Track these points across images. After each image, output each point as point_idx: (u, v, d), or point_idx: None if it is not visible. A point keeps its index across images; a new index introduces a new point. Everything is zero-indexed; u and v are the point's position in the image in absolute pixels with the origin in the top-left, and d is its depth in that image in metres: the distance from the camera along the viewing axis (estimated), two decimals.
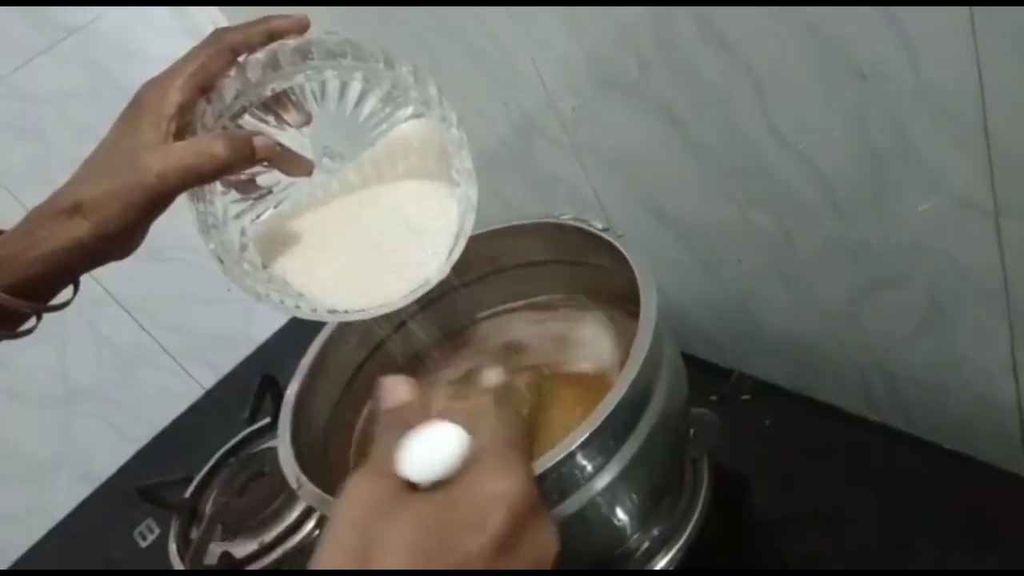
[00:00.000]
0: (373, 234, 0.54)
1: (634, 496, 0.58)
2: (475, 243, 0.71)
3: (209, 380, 1.28)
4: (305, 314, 0.52)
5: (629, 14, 0.62)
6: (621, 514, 0.59)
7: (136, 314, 1.17)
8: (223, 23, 1.15)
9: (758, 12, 0.54)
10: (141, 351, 1.20)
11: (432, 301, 0.75)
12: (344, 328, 0.70)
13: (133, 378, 1.20)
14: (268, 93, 0.50)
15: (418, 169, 0.54)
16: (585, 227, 0.64)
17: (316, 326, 0.67)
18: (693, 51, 0.60)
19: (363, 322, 0.54)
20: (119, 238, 0.50)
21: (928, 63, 0.48)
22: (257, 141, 0.50)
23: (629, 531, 0.61)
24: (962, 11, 0.44)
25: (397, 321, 0.75)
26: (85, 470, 1.18)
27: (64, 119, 1.06)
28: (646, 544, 0.64)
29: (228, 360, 1.28)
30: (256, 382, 1.01)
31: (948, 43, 0.46)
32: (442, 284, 0.54)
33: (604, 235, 0.62)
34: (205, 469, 1.00)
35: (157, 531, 1.02)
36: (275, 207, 0.55)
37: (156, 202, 0.49)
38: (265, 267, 0.53)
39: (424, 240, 0.53)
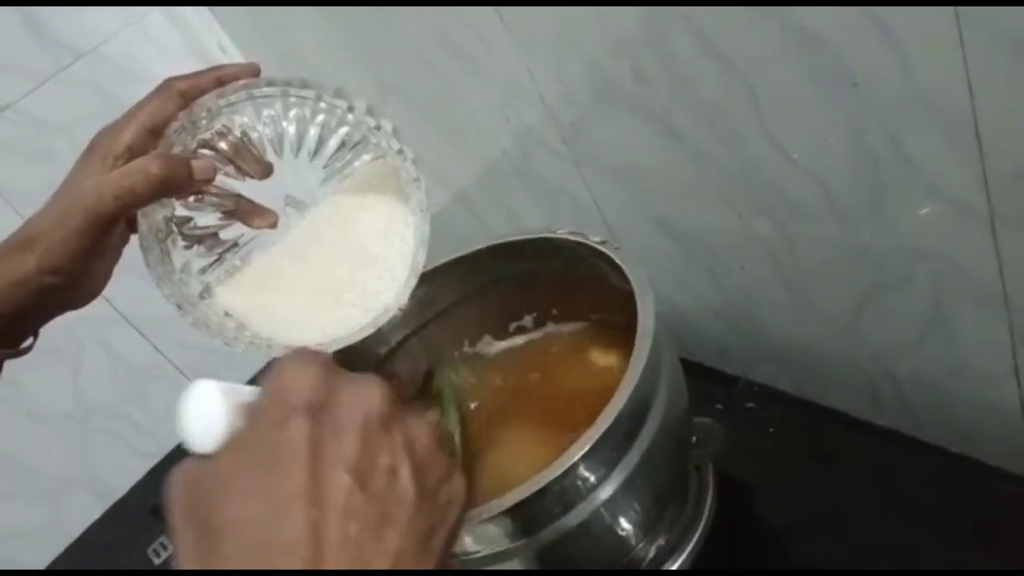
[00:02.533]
0: (332, 272, 0.55)
1: (638, 506, 0.59)
2: (474, 259, 0.72)
3: None
4: (262, 352, 0.52)
5: (624, 26, 0.62)
6: (625, 524, 0.59)
7: (148, 333, 1.18)
8: (228, 45, 1.16)
9: (750, 22, 0.54)
10: (153, 369, 1.21)
11: (431, 320, 0.76)
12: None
13: (146, 396, 1.21)
14: (218, 128, 0.51)
15: (376, 206, 0.55)
16: (583, 240, 0.64)
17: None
18: (688, 62, 0.60)
19: (364, 342, 0.55)
20: (65, 270, 0.49)
21: (918, 70, 0.49)
22: (196, 163, 0.50)
23: (634, 541, 0.61)
24: (949, 18, 0.45)
25: (398, 339, 0.76)
26: (100, 487, 1.19)
27: (74, 142, 1.05)
28: (652, 553, 0.64)
29: (239, 376, 1.29)
30: None
31: (937, 50, 0.47)
32: (439, 299, 0.55)
33: (602, 248, 0.62)
34: None
35: (171, 548, 1.03)
36: (240, 261, 0.56)
37: (95, 225, 0.48)
38: (223, 310, 0.53)
39: (382, 270, 0.54)
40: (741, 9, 0.54)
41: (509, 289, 0.74)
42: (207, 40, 1.17)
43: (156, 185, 0.48)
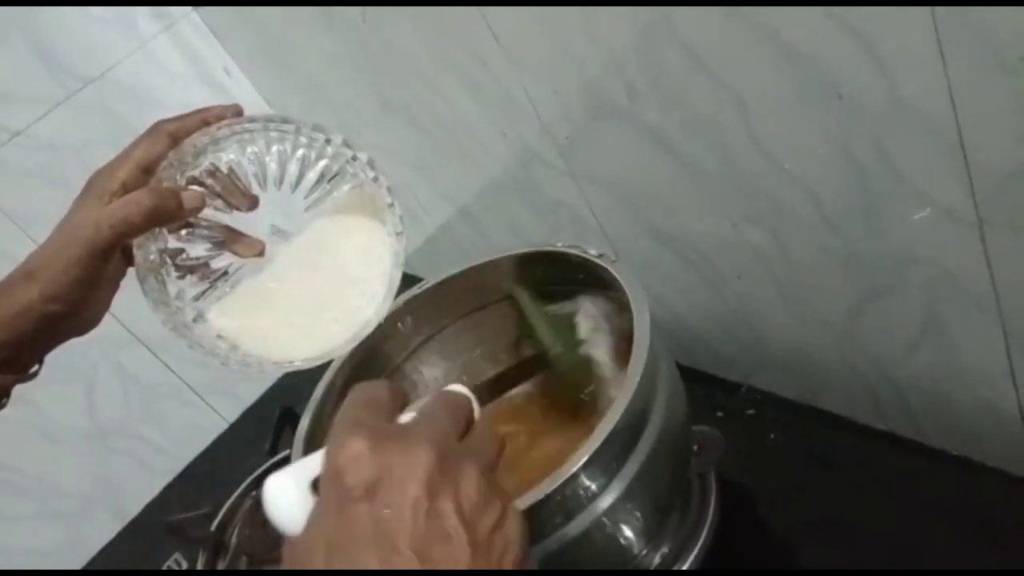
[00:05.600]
0: (317, 293, 0.58)
1: (639, 514, 0.59)
2: (477, 272, 0.73)
3: (232, 414, 1.30)
4: (252, 369, 0.56)
5: (615, 45, 0.64)
6: (628, 532, 0.60)
7: (159, 352, 1.20)
8: (234, 68, 1.18)
9: (738, 38, 0.55)
10: (165, 388, 1.23)
11: (440, 329, 0.78)
12: (357, 360, 0.72)
13: (159, 414, 1.23)
14: (206, 165, 0.55)
15: (356, 231, 0.58)
16: (580, 253, 0.65)
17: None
18: (679, 77, 0.61)
19: (378, 352, 0.57)
20: (66, 299, 0.52)
21: (900, 81, 0.50)
22: (185, 194, 0.53)
23: (637, 549, 0.62)
24: (928, 29, 0.46)
25: (409, 349, 0.77)
26: (116, 506, 1.21)
27: (85, 167, 1.08)
28: (656, 561, 0.65)
29: (250, 393, 1.31)
30: (276, 414, 1.03)
31: (917, 61, 0.48)
32: (452, 311, 0.56)
33: (599, 260, 0.63)
34: (229, 502, 1.02)
35: (186, 565, 1.04)
36: (231, 288, 0.59)
37: (94, 254, 0.51)
38: (220, 337, 0.56)
39: (362, 287, 0.57)
40: (728, 26, 0.55)
41: (505, 302, 0.75)
42: (213, 64, 1.19)
43: (149, 215, 0.51)
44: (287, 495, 0.38)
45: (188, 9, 1.15)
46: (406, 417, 0.41)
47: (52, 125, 1.08)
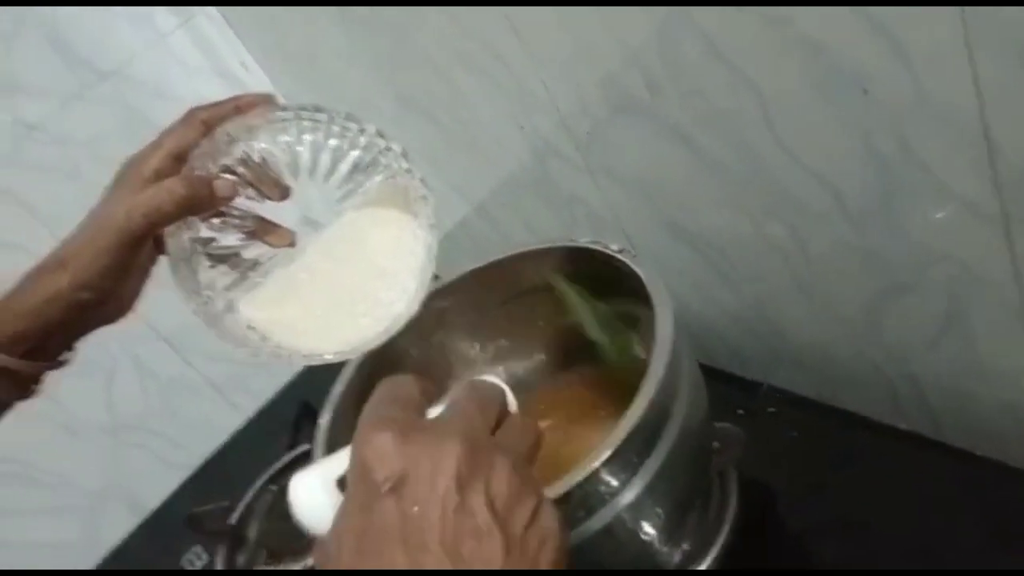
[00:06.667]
0: (347, 286, 0.58)
1: (660, 511, 0.59)
2: (497, 267, 0.73)
3: (251, 408, 1.30)
4: (283, 361, 0.56)
5: (635, 38, 0.63)
6: (648, 529, 0.60)
7: (178, 347, 1.20)
8: (250, 63, 1.18)
9: (759, 31, 0.55)
10: (184, 382, 1.23)
11: (458, 325, 0.78)
12: (378, 355, 0.72)
13: (177, 409, 1.23)
14: (238, 154, 0.54)
15: (387, 224, 0.58)
16: (601, 248, 0.65)
17: None
18: (699, 72, 0.61)
19: (394, 346, 0.57)
20: (97, 287, 0.52)
21: (926, 75, 0.49)
22: (217, 182, 0.53)
23: (658, 545, 0.62)
24: (955, 23, 0.45)
25: (427, 344, 0.77)
26: (134, 500, 1.21)
27: (101, 160, 1.08)
28: (676, 558, 0.64)
29: (268, 387, 1.31)
30: (295, 409, 1.03)
31: (943, 55, 0.47)
32: (470, 308, 0.56)
33: (619, 256, 0.63)
34: (249, 496, 1.02)
35: (205, 558, 1.05)
36: (261, 278, 0.59)
37: (125, 243, 0.51)
38: (251, 328, 0.56)
39: (393, 282, 0.57)
40: (750, 19, 0.55)
41: (531, 295, 0.75)
42: (229, 58, 1.19)
43: (181, 203, 0.51)
44: (313, 494, 0.38)
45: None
46: (435, 411, 0.40)
47: (68, 118, 1.08)
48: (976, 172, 0.51)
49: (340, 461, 0.38)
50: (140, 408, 1.20)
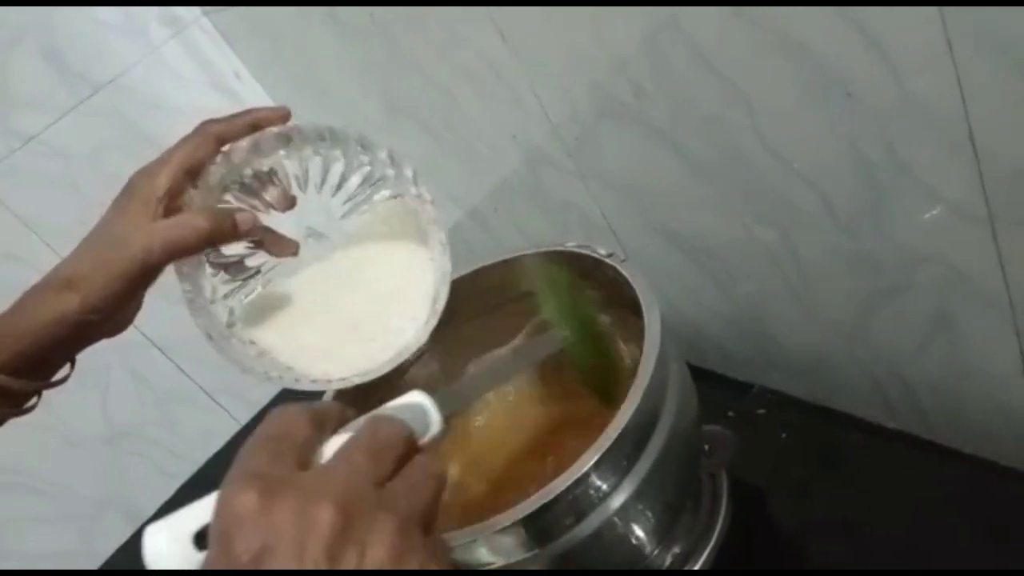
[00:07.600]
0: (354, 307, 0.57)
1: (650, 514, 0.60)
2: (486, 272, 0.73)
3: (246, 416, 1.31)
4: (289, 384, 0.55)
5: (623, 45, 0.64)
6: (639, 532, 0.60)
7: (172, 355, 1.21)
8: (244, 73, 1.19)
9: (745, 37, 0.55)
10: (179, 391, 1.23)
11: (450, 331, 0.77)
12: None
13: (173, 417, 1.24)
14: (251, 173, 0.54)
15: (396, 245, 0.58)
16: (589, 253, 0.65)
17: None
18: (686, 77, 0.61)
19: None
20: (106, 310, 0.51)
21: (909, 77, 0.49)
22: (239, 216, 0.52)
23: (648, 548, 0.62)
24: (936, 25, 0.45)
25: (419, 353, 0.77)
26: (130, 509, 1.21)
27: (97, 172, 1.09)
28: (667, 561, 0.65)
29: (263, 395, 1.31)
30: None
31: (925, 57, 0.47)
32: (456, 314, 0.56)
33: (608, 260, 0.64)
34: None
35: None
36: (262, 287, 0.58)
37: (143, 274, 0.51)
38: (252, 343, 0.56)
39: (403, 309, 0.56)
40: (735, 24, 0.55)
41: (520, 301, 0.75)
42: (223, 69, 1.19)
43: (205, 237, 0.51)
44: (162, 549, 0.34)
45: (198, 13, 1.15)
46: (333, 446, 0.36)
47: (63, 131, 1.08)
48: (962, 174, 0.51)
49: (200, 512, 0.34)
50: (136, 417, 1.20)
